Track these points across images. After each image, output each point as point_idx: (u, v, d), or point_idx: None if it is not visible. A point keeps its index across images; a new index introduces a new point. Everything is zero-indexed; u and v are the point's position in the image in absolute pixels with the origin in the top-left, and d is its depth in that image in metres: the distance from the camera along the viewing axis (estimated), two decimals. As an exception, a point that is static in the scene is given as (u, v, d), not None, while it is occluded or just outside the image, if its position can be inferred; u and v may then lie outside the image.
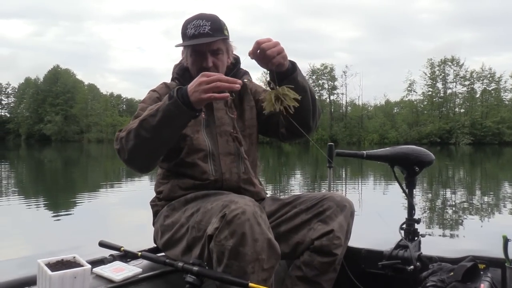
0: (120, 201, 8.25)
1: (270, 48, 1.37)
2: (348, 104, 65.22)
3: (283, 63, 1.41)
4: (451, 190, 10.23)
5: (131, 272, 1.46)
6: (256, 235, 1.30)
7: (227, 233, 1.29)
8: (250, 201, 1.37)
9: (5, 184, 11.65)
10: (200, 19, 1.62)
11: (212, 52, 1.63)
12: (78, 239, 4.45)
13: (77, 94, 70.96)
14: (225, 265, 1.30)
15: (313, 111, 1.61)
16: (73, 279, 1.26)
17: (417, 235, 1.96)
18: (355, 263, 1.95)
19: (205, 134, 1.67)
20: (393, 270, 1.84)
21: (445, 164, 19.23)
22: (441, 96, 60.04)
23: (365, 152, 2.02)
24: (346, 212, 1.59)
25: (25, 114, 73.97)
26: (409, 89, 60.84)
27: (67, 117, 69.65)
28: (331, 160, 1.99)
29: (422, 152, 1.98)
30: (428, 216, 6.45)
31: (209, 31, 1.60)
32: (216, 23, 1.62)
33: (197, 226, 1.45)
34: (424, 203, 7.93)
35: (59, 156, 28.27)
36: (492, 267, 1.70)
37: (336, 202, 1.58)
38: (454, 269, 1.57)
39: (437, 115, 57.92)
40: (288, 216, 1.61)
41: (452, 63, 59.31)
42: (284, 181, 11.68)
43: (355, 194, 9.30)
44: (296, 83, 1.47)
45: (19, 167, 18.83)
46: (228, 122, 1.70)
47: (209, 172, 1.63)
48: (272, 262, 1.35)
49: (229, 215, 1.30)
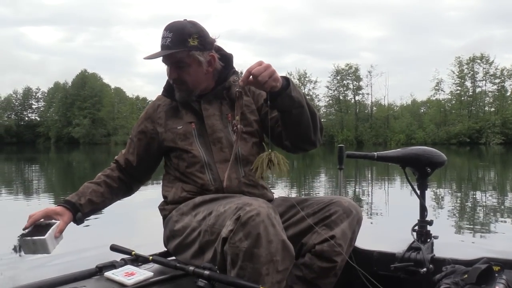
0: (145, 202, 8.37)
1: (261, 73, 1.37)
2: (373, 104, 64.24)
3: (275, 85, 1.41)
4: (469, 191, 10.04)
5: (142, 276, 1.46)
6: (271, 237, 1.30)
7: (242, 235, 1.29)
8: (263, 202, 1.38)
9: (36, 185, 12.11)
10: (166, 30, 1.61)
11: (175, 65, 1.64)
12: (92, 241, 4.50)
13: (104, 98, 72.26)
14: (239, 267, 1.30)
15: (314, 125, 1.59)
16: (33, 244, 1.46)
17: (430, 237, 1.93)
18: (367, 266, 1.93)
19: (198, 145, 1.67)
20: (405, 272, 1.82)
21: (470, 164, 18.78)
22: (470, 94, 58.50)
23: (376, 154, 2.00)
24: (352, 219, 1.56)
25: (55, 117, 75.69)
26: (436, 88, 59.48)
27: (94, 121, 70.98)
28: (342, 162, 1.99)
29: (433, 153, 1.95)
30: (441, 218, 6.30)
31: (169, 44, 1.59)
32: (179, 34, 1.59)
33: (210, 230, 1.45)
34: (438, 204, 7.75)
35: (87, 159, 28.91)
36: (507, 269, 1.66)
37: (343, 207, 1.56)
38: (468, 271, 1.55)
39: (466, 114, 56.47)
40: (295, 219, 1.60)
41: (481, 61, 57.73)
42: (309, 182, 11.63)
43: (366, 195, 9.21)
44: (290, 98, 1.47)
45: (49, 169, 19.38)
46: (220, 128, 1.69)
47: (208, 183, 1.64)
48: (286, 264, 1.35)
49: (243, 217, 1.30)
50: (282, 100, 1.46)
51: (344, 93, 64.30)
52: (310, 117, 1.56)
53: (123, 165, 1.80)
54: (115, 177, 1.78)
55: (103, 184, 1.74)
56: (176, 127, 1.70)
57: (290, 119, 1.54)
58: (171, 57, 1.62)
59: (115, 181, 1.77)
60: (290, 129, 1.58)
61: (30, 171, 17.78)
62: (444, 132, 53.83)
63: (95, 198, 1.69)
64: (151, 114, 1.78)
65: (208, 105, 1.71)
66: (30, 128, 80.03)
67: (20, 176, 15.12)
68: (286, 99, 1.46)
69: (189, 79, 1.66)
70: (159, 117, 1.75)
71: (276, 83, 1.41)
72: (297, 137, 1.61)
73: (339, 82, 63.82)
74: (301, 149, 1.68)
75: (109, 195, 1.75)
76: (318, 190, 9.96)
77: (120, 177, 1.79)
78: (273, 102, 1.45)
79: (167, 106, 1.76)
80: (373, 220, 6.25)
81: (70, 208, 1.61)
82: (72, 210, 1.61)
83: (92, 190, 1.70)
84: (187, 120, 1.70)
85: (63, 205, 1.61)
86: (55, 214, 1.57)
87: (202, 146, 1.67)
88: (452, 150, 36.37)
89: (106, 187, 1.74)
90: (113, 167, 1.81)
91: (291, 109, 1.50)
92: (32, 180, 13.82)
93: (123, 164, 1.80)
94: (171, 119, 1.73)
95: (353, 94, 63.93)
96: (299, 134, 1.59)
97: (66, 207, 1.61)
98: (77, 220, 1.63)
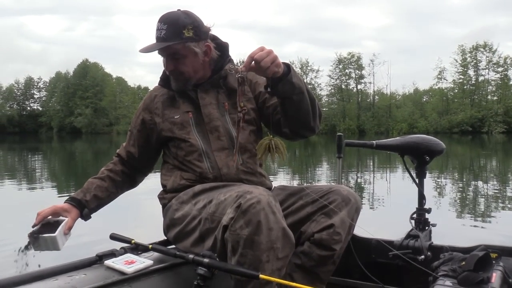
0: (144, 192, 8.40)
1: (263, 58, 1.36)
2: (375, 93, 63.88)
3: (277, 71, 1.41)
4: (468, 180, 10.05)
5: (142, 264, 1.47)
6: (271, 224, 1.30)
7: (242, 222, 1.30)
8: (264, 190, 1.38)
9: (39, 174, 12.24)
10: (160, 21, 1.60)
11: (171, 56, 1.64)
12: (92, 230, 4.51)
13: (106, 87, 72.19)
14: (240, 254, 1.31)
15: (313, 112, 1.59)
16: (44, 241, 1.48)
17: (428, 225, 1.95)
18: (366, 253, 1.95)
19: (196, 133, 1.68)
20: (404, 260, 1.83)
21: (472, 152, 18.73)
22: (472, 83, 58.16)
23: (374, 142, 2.01)
24: (351, 207, 1.56)
25: (57, 107, 75.77)
26: (439, 76, 59.18)
27: (96, 110, 70.96)
28: (341, 151, 2.00)
29: (432, 141, 1.95)
30: (440, 205, 6.32)
31: (164, 36, 1.59)
32: (174, 26, 1.59)
33: (210, 218, 1.46)
34: (437, 192, 7.77)
35: (89, 148, 28.97)
36: (504, 256, 1.67)
37: (342, 196, 1.56)
38: (465, 258, 1.56)
39: (468, 103, 56.21)
40: (294, 208, 1.61)
41: (484, 49, 57.31)
42: (311, 171, 11.64)
43: (366, 184, 9.22)
44: (291, 84, 1.46)
45: (52, 159, 19.44)
46: (217, 117, 1.69)
47: (206, 171, 1.64)
48: (287, 251, 1.36)
49: (244, 205, 1.30)
50: (283, 86, 1.45)
51: (346, 82, 64.07)
52: (310, 103, 1.57)
53: (125, 158, 1.81)
54: (118, 170, 1.79)
55: (107, 179, 1.76)
56: (173, 117, 1.71)
57: (291, 106, 1.54)
58: (166, 49, 1.62)
59: (119, 175, 1.79)
60: (290, 116, 1.58)
61: (33, 161, 17.85)
62: (446, 121, 53.65)
63: (100, 193, 1.71)
64: (148, 105, 1.78)
65: (205, 94, 1.71)
66: (32, 118, 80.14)
67: (23, 166, 15.18)
68: (287, 85, 1.46)
69: (186, 70, 1.66)
70: (156, 107, 1.76)
71: (278, 69, 1.41)
72: (296, 124, 1.61)
73: (341, 71, 63.50)
74: (300, 135, 1.68)
75: (114, 189, 1.77)
76: (319, 178, 9.99)
77: (123, 170, 1.80)
78: (274, 89, 1.45)
79: (164, 96, 1.77)
80: (372, 208, 6.28)
81: (76, 205, 1.64)
82: (79, 207, 1.64)
83: (97, 185, 1.72)
84: (184, 109, 1.71)
85: (69, 203, 1.64)
86: (62, 211, 1.60)
87: (200, 134, 1.68)
88: (454, 139, 36.30)
89: (110, 181, 1.76)
90: (115, 161, 1.82)
91: (291, 95, 1.50)
92: (35, 169, 13.90)
93: (125, 157, 1.81)
94: (168, 108, 1.74)
95: (355, 83, 63.73)
96: (298, 120, 1.59)
97: (73, 204, 1.64)
98: (84, 216, 1.66)
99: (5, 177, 10.88)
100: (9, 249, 3.82)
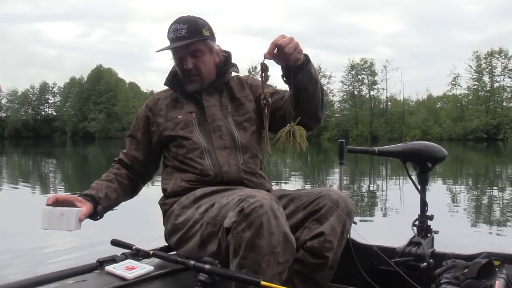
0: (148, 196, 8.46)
1: (287, 44, 1.38)
2: (388, 100, 63.53)
3: (299, 57, 1.43)
4: (472, 186, 9.95)
5: (143, 270, 1.46)
6: (273, 229, 1.31)
7: (245, 225, 1.30)
8: (267, 194, 1.38)
9: (52, 178, 12.42)
10: (178, 23, 1.67)
11: (192, 54, 1.68)
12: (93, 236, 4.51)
13: (119, 93, 72.99)
14: (241, 256, 1.31)
15: (322, 102, 1.63)
16: (60, 216, 1.48)
17: (430, 232, 1.93)
18: (367, 260, 1.94)
19: (198, 133, 1.71)
20: (406, 267, 1.82)
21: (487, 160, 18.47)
22: (487, 89, 57.44)
23: (376, 149, 2.00)
24: (341, 211, 1.53)
25: (70, 112, 76.64)
26: (453, 83, 58.51)
27: (109, 115, 71.74)
28: (342, 157, 1.99)
29: (434, 148, 1.95)
30: (441, 212, 6.23)
31: (186, 34, 1.64)
32: (193, 25, 1.66)
33: (212, 222, 1.46)
34: (439, 198, 7.61)
35: (102, 152, 29.22)
36: (508, 264, 1.65)
37: (332, 200, 1.54)
38: (468, 266, 1.54)
39: (483, 109, 55.52)
40: (287, 213, 1.58)
41: (499, 55, 56.65)
42: (322, 177, 11.59)
43: (368, 190, 9.15)
44: (309, 74, 1.50)
45: (65, 163, 19.67)
46: (220, 118, 1.72)
47: (207, 167, 1.65)
48: (287, 256, 1.36)
49: (247, 209, 1.31)
50: (303, 75, 1.48)
51: (359, 88, 63.85)
52: (321, 93, 1.59)
53: (128, 163, 1.81)
54: (123, 174, 1.79)
55: (115, 181, 1.75)
56: (176, 117, 1.74)
57: (305, 96, 1.56)
58: (190, 46, 1.67)
59: (124, 178, 1.78)
60: (302, 106, 1.58)
61: (47, 165, 18.08)
62: (461, 128, 53.04)
63: (110, 194, 1.69)
64: (151, 107, 1.82)
65: (209, 96, 1.75)
66: (46, 122, 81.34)
67: (37, 170, 15.37)
68: (306, 74, 1.49)
69: (204, 68, 1.71)
70: (160, 109, 1.79)
71: (300, 55, 1.43)
72: (307, 114, 1.59)
73: (354, 77, 63.36)
74: (307, 127, 1.61)
75: (121, 191, 1.76)
76: (331, 183, 9.94)
77: (128, 175, 1.81)
78: (293, 78, 1.46)
79: (167, 99, 1.80)
80: (373, 214, 6.22)
81: (91, 200, 1.60)
82: (93, 202, 1.60)
83: (106, 186, 1.70)
84: (187, 110, 1.74)
85: (84, 197, 1.60)
86: (77, 201, 1.55)
87: (202, 133, 1.71)
88: (468, 146, 35.85)
89: (118, 183, 1.75)
90: (117, 166, 1.82)
91: (308, 85, 1.52)
92: (49, 173, 14.07)
93: (128, 162, 1.81)
94: (171, 110, 1.77)
95: (368, 89, 63.48)
96: (310, 110, 1.59)
97: (87, 199, 1.60)
98: (98, 212, 1.61)
99: (19, 181, 11.03)
100: (19, 254, 3.88)
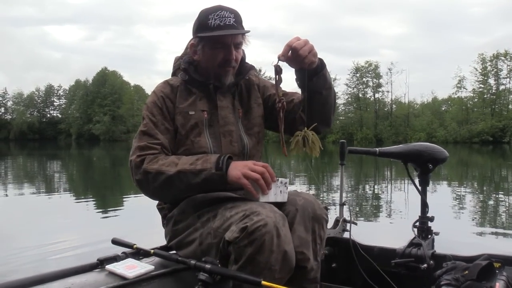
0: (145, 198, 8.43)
1: (302, 47, 1.36)
2: (393, 102, 63.37)
3: (314, 60, 1.40)
4: (472, 188, 9.93)
5: (144, 269, 1.45)
6: (274, 247, 1.31)
7: (247, 242, 1.30)
8: (271, 211, 1.36)
9: (57, 180, 12.52)
10: (223, 10, 1.55)
11: (235, 45, 1.59)
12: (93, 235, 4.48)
13: (124, 95, 73.06)
14: (240, 266, 1.32)
15: (334, 106, 1.61)
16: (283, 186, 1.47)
17: (431, 233, 1.94)
18: (368, 261, 1.94)
19: (207, 135, 1.60)
20: (406, 268, 1.83)
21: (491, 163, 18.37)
22: (493, 92, 57.18)
23: (378, 150, 2.01)
24: (307, 217, 1.47)
25: (75, 114, 76.89)
26: (458, 85, 58.21)
27: (114, 118, 71.83)
28: (343, 158, 2.00)
29: (435, 149, 1.95)
30: (442, 214, 6.24)
31: (234, 23, 1.54)
32: (239, 16, 1.57)
33: (213, 233, 1.44)
34: (440, 200, 7.62)
35: (107, 155, 29.33)
36: (508, 265, 1.65)
37: (297, 206, 1.48)
38: (468, 267, 1.55)
39: (489, 112, 55.25)
40: None
41: (505, 58, 56.35)
42: (327, 181, 11.58)
43: (369, 191, 9.13)
44: (325, 78, 1.47)
45: (70, 165, 19.76)
46: (232, 122, 1.63)
47: None
48: (284, 274, 1.36)
49: (250, 227, 1.30)
50: (318, 79, 1.44)
51: (363, 90, 63.66)
52: (334, 97, 1.57)
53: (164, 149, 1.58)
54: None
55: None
56: (188, 112, 1.62)
57: (319, 100, 1.53)
58: (237, 37, 1.58)
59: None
60: (315, 111, 1.55)
61: (52, 167, 18.16)
62: (466, 131, 52.77)
63: None
64: (168, 94, 1.64)
65: (223, 96, 1.66)
66: (52, 125, 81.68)
67: (42, 172, 15.45)
68: (321, 78, 1.45)
69: (239, 61, 1.64)
70: (174, 95, 1.65)
71: (315, 59, 1.40)
72: (319, 118, 1.55)
73: (358, 80, 63.24)
74: (316, 131, 1.54)
75: None
76: (330, 185, 9.93)
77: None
78: (308, 82, 1.43)
79: (181, 88, 1.66)
80: (374, 215, 6.21)
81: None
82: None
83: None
84: (200, 107, 1.62)
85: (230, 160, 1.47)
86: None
87: (211, 136, 1.61)
88: (474, 149, 35.67)
89: None
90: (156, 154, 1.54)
91: (322, 90, 1.49)
92: (54, 175, 14.14)
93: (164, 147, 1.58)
94: (183, 102, 1.63)
95: (372, 91, 63.28)
96: (322, 114, 1.56)
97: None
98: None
99: (24, 183, 11.08)
100: (21, 253, 3.89)
